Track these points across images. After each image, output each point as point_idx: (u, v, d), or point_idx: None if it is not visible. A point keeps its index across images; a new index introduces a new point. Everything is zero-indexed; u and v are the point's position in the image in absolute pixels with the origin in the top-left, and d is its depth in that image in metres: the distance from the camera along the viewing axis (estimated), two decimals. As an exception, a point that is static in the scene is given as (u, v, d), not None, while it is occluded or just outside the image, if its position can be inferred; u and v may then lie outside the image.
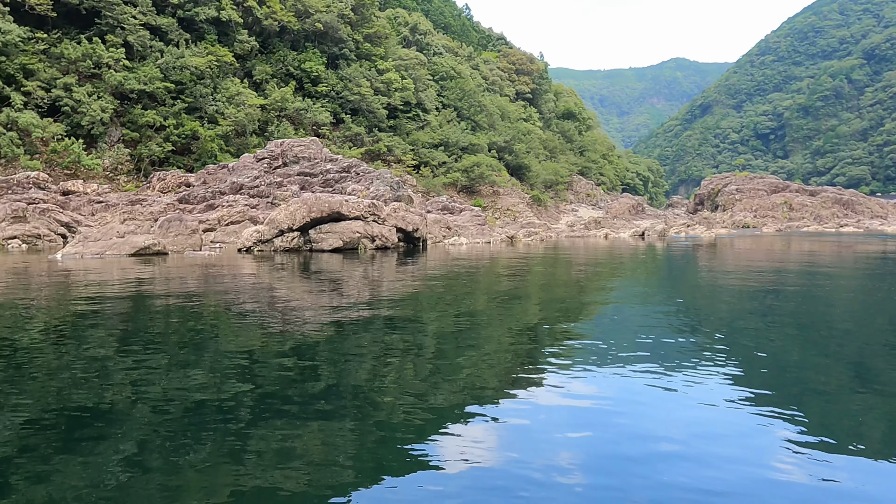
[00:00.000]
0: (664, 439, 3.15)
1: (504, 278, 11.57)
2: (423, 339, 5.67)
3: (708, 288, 10.63)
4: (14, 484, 2.46)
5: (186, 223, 15.30)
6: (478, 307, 7.82)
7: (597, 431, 3.26)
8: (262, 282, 10.55)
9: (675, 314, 7.45)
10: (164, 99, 42.04)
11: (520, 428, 3.32)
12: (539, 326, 6.47)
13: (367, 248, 15.83)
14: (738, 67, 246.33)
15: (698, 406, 3.71)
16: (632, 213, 79.00)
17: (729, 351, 5.20)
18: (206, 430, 3.15)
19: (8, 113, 35.21)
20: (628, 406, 3.74)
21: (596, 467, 2.78)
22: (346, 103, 54.32)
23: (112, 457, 2.77)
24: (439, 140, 60.15)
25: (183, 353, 5.00)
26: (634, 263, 15.41)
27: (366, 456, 2.88)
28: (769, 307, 7.79)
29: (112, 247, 13.40)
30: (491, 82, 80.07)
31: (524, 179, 69.80)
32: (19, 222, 18.12)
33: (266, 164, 27.04)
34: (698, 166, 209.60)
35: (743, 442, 3.15)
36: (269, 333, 5.82)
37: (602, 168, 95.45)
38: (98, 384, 4.00)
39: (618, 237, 27.96)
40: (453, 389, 3.98)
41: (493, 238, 22.11)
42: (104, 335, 5.74)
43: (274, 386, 4.01)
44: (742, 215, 59.85)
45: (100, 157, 38.44)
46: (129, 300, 8.02)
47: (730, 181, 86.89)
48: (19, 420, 3.26)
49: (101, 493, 2.39)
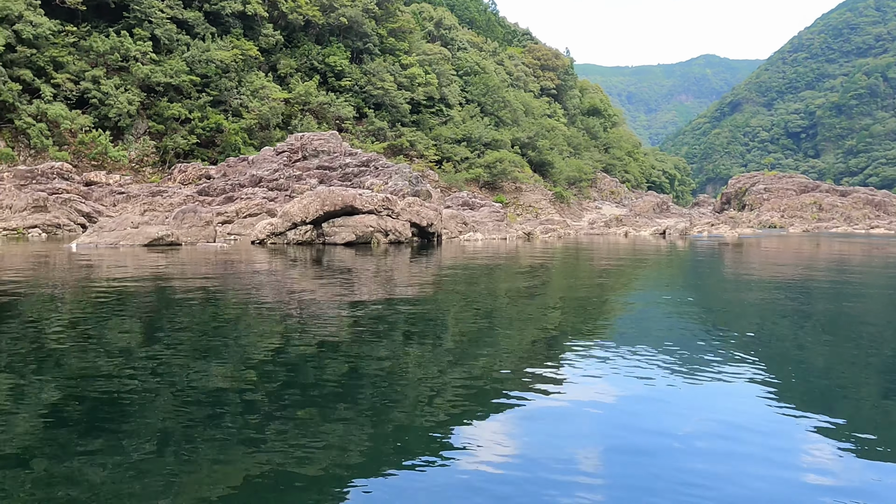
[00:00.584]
0: (688, 437, 3.10)
1: (516, 275, 11.48)
2: (440, 333, 5.62)
3: (729, 288, 10.42)
4: (38, 468, 2.52)
5: (200, 215, 15.44)
6: (492, 303, 7.74)
7: (619, 428, 3.22)
8: (273, 274, 10.60)
9: (697, 313, 7.29)
10: (189, 92, 42.53)
11: (540, 422, 3.29)
12: (557, 323, 6.38)
13: (381, 242, 15.81)
14: (769, 64, 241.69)
15: (723, 405, 3.65)
16: (656, 211, 78.09)
17: (754, 351, 5.07)
18: (226, 417, 3.19)
19: (38, 105, 35.92)
20: (651, 403, 3.68)
21: (617, 464, 2.75)
22: (369, 98, 54.43)
23: (133, 442, 2.82)
24: (462, 135, 60.01)
25: (199, 342, 5.01)
26: (651, 262, 15.19)
27: (384, 446, 2.90)
28: (794, 308, 7.59)
29: (126, 237, 13.59)
30: (515, 78, 79.64)
31: (547, 176, 69.37)
32: (40, 212, 18.47)
33: (286, 158, 27.21)
34: (726, 165, 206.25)
35: (769, 442, 3.10)
36: (284, 324, 5.82)
37: (627, 165, 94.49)
38: (118, 372, 4.02)
39: (638, 235, 27.62)
40: (472, 383, 3.96)
41: (510, 234, 21.97)
42: (116, 323, 5.79)
43: (292, 376, 4.02)
44: (769, 215, 58.77)
45: (126, 149, 39.04)
46: (140, 289, 8.09)
47: (758, 180, 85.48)
48: (43, 406, 3.31)
49: (123, 477, 2.44)
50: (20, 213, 18.12)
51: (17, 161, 34.41)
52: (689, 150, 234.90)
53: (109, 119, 38.59)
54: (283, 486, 2.43)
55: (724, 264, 15.23)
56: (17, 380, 3.80)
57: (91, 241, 14.13)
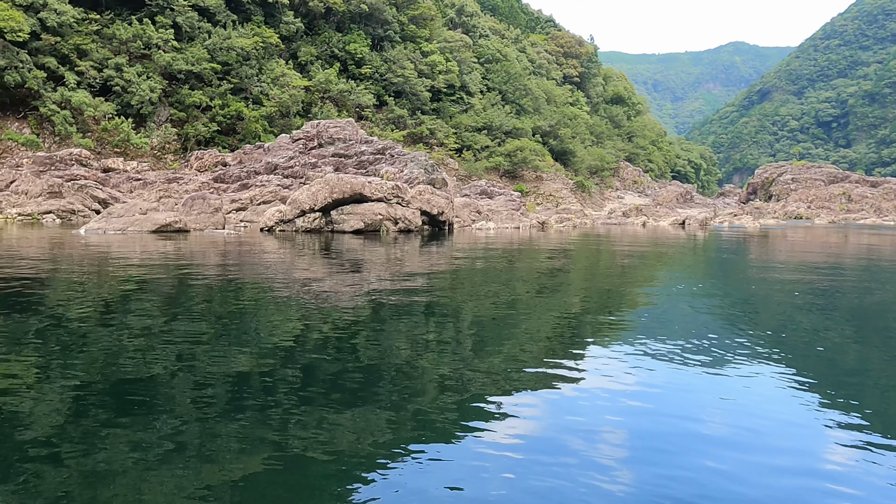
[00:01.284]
0: (710, 427, 3.07)
1: (525, 264, 11.34)
2: (458, 322, 5.57)
3: (745, 280, 10.17)
4: (65, 449, 2.57)
5: (209, 202, 15.52)
6: (503, 291, 7.64)
7: (641, 419, 3.17)
8: (281, 262, 10.60)
9: (716, 305, 7.11)
10: (210, 80, 42.79)
11: (560, 413, 3.25)
12: (572, 312, 6.29)
13: (390, 230, 15.73)
14: (800, 52, 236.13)
15: (747, 397, 3.59)
16: (679, 201, 77.01)
17: (777, 342, 4.95)
18: (246, 402, 3.21)
19: (62, 92, 36.41)
20: (673, 394, 3.63)
21: (639, 456, 2.72)
22: (389, 85, 54.30)
23: (157, 423, 2.87)
24: (482, 124, 59.63)
25: (210, 330, 4.99)
26: (663, 253, 14.92)
27: (404, 431, 2.89)
28: (817, 300, 7.36)
29: (134, 223, 13.71)
30: (538, 65, 78.83)
31: (568, 165, 68.73)
32: (55, 197, 18.75)
33: (301, 145, 27.24)
34: (754, 154, 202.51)
35: (792, 434, 3.05)
36: (299, 311, 5.82)
37: (651, 154, 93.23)
38: (134, 357, 4.03)
39: (657, 226, 27.19)
40: (491, 373, 3.92)
41: (523, 223, 21.75)
42: (103, 308, 5.81)
43: (310, 363, 4.02)
44: (795, 206, 57.60)
45: (148, 137, 39.45)
46: (143, 275, 8.13)
47: (785, 170, 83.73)
48: (70, 389, 3.34)
49: (147, 458, 2.49)
50: (35, 199, 18.42)
51: (42, 148, 35.00)
52: (716, 139, 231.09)
53: (132, 106, 39.01)
54: (303, 467, 2.46)
55: (740, 256, 14.91)
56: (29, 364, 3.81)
57: (99, 227, 14.25)
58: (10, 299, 6.15)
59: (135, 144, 37.78)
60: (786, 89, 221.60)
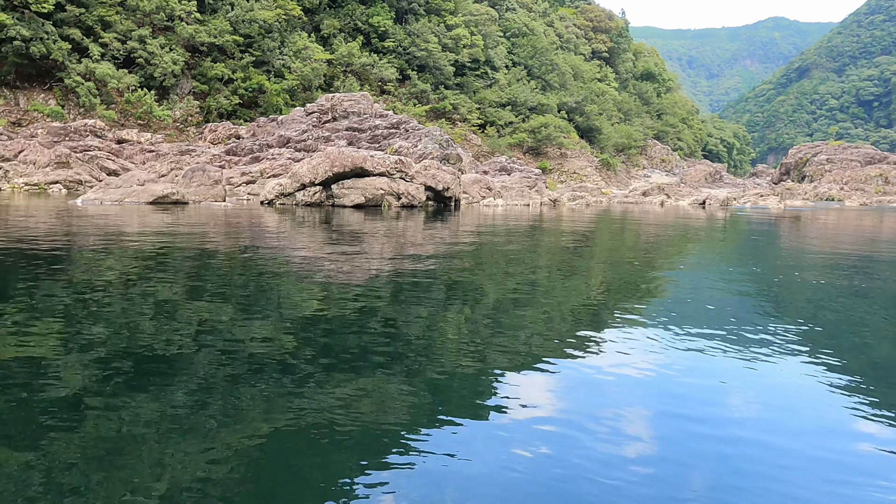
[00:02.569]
0: (734, 413, 2.98)
1: (521, 241, 11.14)
2: (475, 297, 5.47)
3: (765, 264, 9.86)
4: (86, 416, 2.60)
5: (210, 174, 15.53)
6: (500, 269, 7.50)
7: (663, 402, 3.09)
8: (273, 234, 10.57)
9: (742, 287, 6.89)
10: (233, 52, 42.85)
11: (581, 393, 3.19)
12: (593, 292, 6.12)
13: (393, 205, 15.58)
14: (842, 27, 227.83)
15: (775, 383, 3.47)
16: (708, 180, 75.40)
17: (806, 330, 4.74)
18: (265, 372, 3.22)
19: (86, 63, 36.79)
20: (697, 377, 3.51)
21: (661, 439, 2.65)
22: (412, 59, 53.80)
23: (176, 395, 2.89)
24: (507, 99, 58.88)
25: (215, 303, 4.95)
26: (672, 232, 14.56)
27: (424, 405, 2.90)
28: (844, 288, 7.07)
29: (131, 194, 13.77)
30: (565, 40, 77.30)
31: (594, 142, 67.66)
32: (62, 168, 18.98)
33: (315, 119, 27.14)
34: (790, 134, 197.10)
35: (819, 423, 2.95)
36: (302, 284, 5.76)
37: (680, 133, 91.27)
38: (147, 328, 4.00)
39: (676, 205, 26.59)
40: (510, 350, 3.85)
41: (533, 201, 21.43)
42: (80, 280, 5.81)
43: (324, 335, 4.00)
44: (828, 187, 55.89)
45: (170, 109, 39.75)
46: (112, 245, 8.16)
47: (820, 150, 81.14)
48: (91, 358, 3.35)
49: (169, 427, 2.51)
50: (43, 169, 18.68)
51: (67, 119, 35.50)
52: (751, 117, 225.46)
53: (155, 79, 39.29)
54: (325, 437, 2.49)
55: (751, 238, 14.48)
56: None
57: (96, 198, 14.34)
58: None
59: (157, 117, 38.12)
60: (826, 66, 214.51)
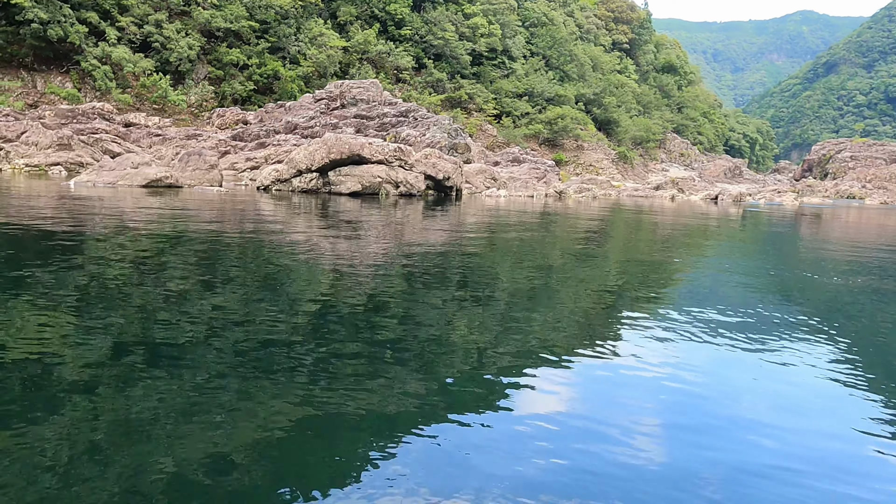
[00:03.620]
0: (749, 412, 2.93)
1: (509, 232, 10.97)
2: (487, 292, 5.37)
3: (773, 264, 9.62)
4: (101, 398, 2.61)
5: (205, 158, 15.47)
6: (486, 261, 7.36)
7: (680, 398, 3.04)
8: (261, 221, 10.49)
9: (755, 284, 6.70)
10: (248, 38, 42.84)
11: (594, 389, 3.13)
12: (602, 288, 6.01)
13: (391, 194, 15.41)
14: (873, 22, 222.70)
15: (789, 382, 3.39)
16: (727, 175, 74.36)
17: (820, 328, 4.60)
18: (275, 361, 3.21)
19: (103, 47, 36.99)
20: (711, 376, 3.44)
21: (677, 435, 2.61)
22: (429, 48, 53.45)
23: (190, 380, 2.89)
24: (524, 90, 58.33)
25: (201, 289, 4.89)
26: (669, 231, 14.28)
27: (434, 398, 2.87)
28: (861, 287, 6.84)
29: (125, 177, 13.74)
30: (585, 30, 76.37)
31: (612, 135, 66.90)
32: (64, 150, 19.08)
33: (323, 105, 27.04)
34: (816, 130, 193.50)
35: (835, 422, 2.90)
36: (309, 274, 5.70)
37: (701, 127, 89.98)
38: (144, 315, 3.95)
39: (687, 200, 26.14)
40: (520, 344, 3.79)
41: (538, 192, 21.16)
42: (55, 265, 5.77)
43: (335, 327, 3.93)
44: (849, 185, 54.82)
45: (186, 94, 39.89)
46: (99, 232, 8.12)
47: (844, 147, 79.64)
48: (105, 344, 3.33)
49: (182, 414, 2.52)
50: (45, 151, 18.79)
51: (83, 102, 35.77)
52: (776, 113, 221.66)
53: (170, 63, 39.40)
54: (336, 426, 2.50)
55: (749, 235, 14.15)
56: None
57: (88, 180, 14.31)
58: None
59: (172, 101, 38.26)
60: (855, 62, 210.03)
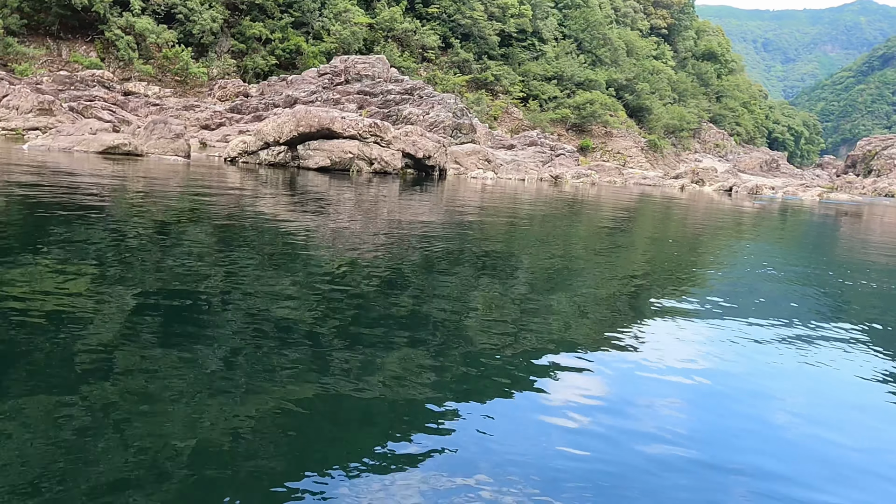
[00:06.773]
0: (781, 411, 2.81)
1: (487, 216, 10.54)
2: (508, 279, 5.20)
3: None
4: (116, 372, 2.59)
5: (171, 127, 15.21)
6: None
7: (705, 394, 2.92)
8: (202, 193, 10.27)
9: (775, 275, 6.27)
10: (272, 12, 42.72)
11: (620, 379, 3.02)
12: (633, 275, 5.81)
13: (363, 171, 15.01)
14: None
15: (823, 379, 3.26)
16: (763, 168, 71.97)
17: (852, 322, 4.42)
18: (292, 338, 3.17)
19: (127, 17, 37.30)
20: (741, 370, 3.31)
21: (701, 433, 2.51)
22: (456, 27, 52.63)
23: (205, 357, 2.84)
24: (553, 73, 57.14)
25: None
26: (654, 225, 13.63)
27: (451, 382, 2.81)
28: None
29: (81, 142, 13.64)
30: (622, 14, 74.36)
31: (643, 123, 65.27)
32: (44, 114, 19.17)
33: (327, 80, 26.74)
34: (867, 125, 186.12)
35: (872, 430, 2.75)
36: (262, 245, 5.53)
37: (739, 117, 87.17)
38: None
39: (699, 191, 25.17)
40: (540, 331, 3.67)
41: (529, 176, 20.53)
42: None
43: (345, 308, 3.82)
44: (889, 182, 52.46)
45: (207, 66, 40.03)
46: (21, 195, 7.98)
47: (891, 143, 76.27)
48: (123, 314, 3.28)
49: (194, 387, 2.50)
50: (24, 115, 18.92)
51: (106, 70, 36.19)
52: (826, 106, 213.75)
53: (193, 35, 39.53)
54: (350, 409, 2.45)
55: (734, 231, 13.43)
56: None
57: (44, 144, 14.23)
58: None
59: (193, 74, 38.43)
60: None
